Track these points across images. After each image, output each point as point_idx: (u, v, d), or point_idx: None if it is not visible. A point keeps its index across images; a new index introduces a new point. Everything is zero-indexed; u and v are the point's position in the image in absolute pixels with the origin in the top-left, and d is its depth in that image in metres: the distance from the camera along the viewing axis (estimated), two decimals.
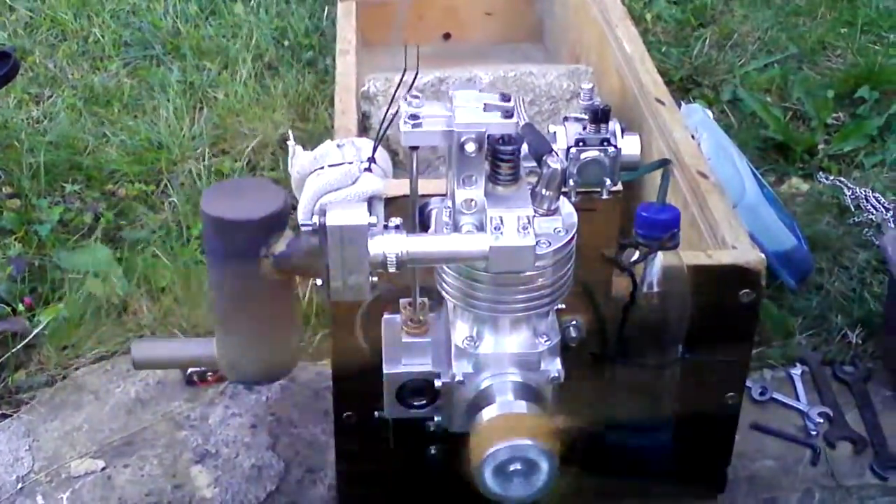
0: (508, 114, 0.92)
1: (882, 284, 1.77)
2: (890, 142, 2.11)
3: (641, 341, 1.18)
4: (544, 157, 0.94)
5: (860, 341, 1.67)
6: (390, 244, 0.91)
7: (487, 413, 0.97)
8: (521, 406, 0.97)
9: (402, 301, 1.03)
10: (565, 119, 1.03)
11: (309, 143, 2.11)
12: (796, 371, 1.60)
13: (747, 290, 1.24)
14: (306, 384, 1.60)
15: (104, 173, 2.03)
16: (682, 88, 2.26)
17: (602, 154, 1.00)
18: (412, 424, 1.22)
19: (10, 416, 1.55)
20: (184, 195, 1.96)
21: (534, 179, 0.97)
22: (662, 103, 1.56)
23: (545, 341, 0.99)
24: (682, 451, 1.32)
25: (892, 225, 1.93)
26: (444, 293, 0.99)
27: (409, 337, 1.00)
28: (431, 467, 1.28)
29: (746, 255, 1.25)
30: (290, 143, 1.37)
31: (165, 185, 2.01)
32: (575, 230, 0.97)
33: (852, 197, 1.99)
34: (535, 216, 0.93)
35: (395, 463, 1.30)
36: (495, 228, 0.91)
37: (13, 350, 1.60)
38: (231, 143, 2.14)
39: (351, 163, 1.27)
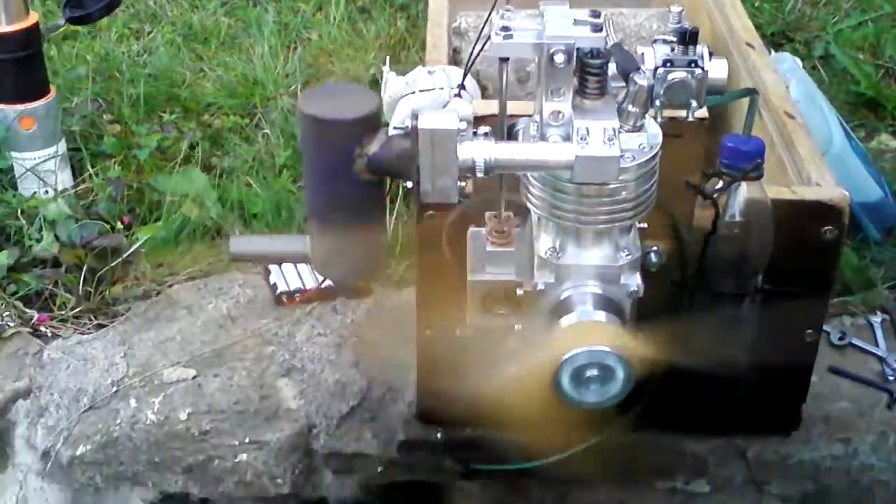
0: (597, 28, 0.94)
1: None
2: None
3: (722, 271, 1.20)
4: (631, 75, 0.97)
5: None
6: (478, 149, 0.95)
7: (566, 320, 1.00)
8: (601, 315, 1.00)
9: (487, 214, 1.06)
10: (654, 41, 1.05)
11: None
12: (876, 319, 1.60)
13: (830, 227, 1.25)
14: (392, 309, 1.64)
15: (201, 105, 2.10)
16: (774, 43, 2.25)
17: (689, 75, 1.02)
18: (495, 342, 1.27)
19: (107, 325, 1.62)
20: (276, 129, 2.01)
21: (621, 97, 0.99)
22: (752, 47, 1.57)
23: (626, 255, 1.02)
24: (759, 386, 1.34)
25: None
26: (528, 204, 1.02)
27: (493, 247, 1.04)
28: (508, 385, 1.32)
29: (831, 192, 1.26)
30: (385, 68, 1.42)
31: (259, 119, 2.07)
32: (659, 147, 0.99)
33: None
34: (620, 130, 0.95)
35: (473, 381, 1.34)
36: (581, 139, 0.94)
37: (112, 264, 1.67)
38: (323, 82, 2.18)
39: (441, 88, 1.31)
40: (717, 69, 1.04)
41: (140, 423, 1.45)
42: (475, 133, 0.96)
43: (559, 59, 0.94)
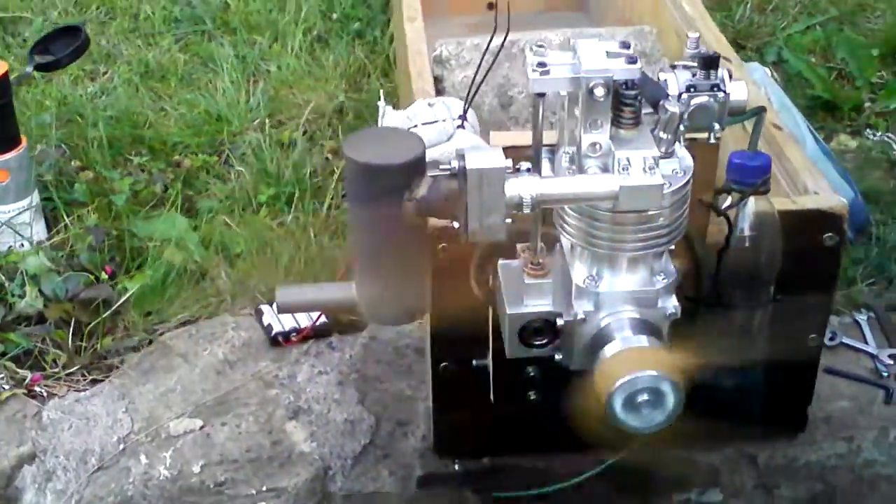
0: (632, 60, 0.96)
1: None
2: None
3: (735, 285, 1.23)
4: (662, 102, 0.99)
5: None
6: (525, 186, 0.96)
7: (611, 348, 1.01)
8: (643, 340, 1.02)
9: (519, 246, 1.07)
10: (673, 67, 1.07)
11: (364, 112, 2.17)
12: (862, 317, 1.65)
13: (830, 234, 1.29)
14: (387, 342, 1.64)
15: (167, 145, 2.08)
16: None
17: (712, 99, 1.05)
18: (512, 371, 1.28)
19: (102, 380, 1.60)
20: (247, 165, 2.00)
21: (651, 124, 1.01)
22: (729, 60, 1.60)
23: (662, 279, 1.04)
24: (766, 392, 1.37)
25: None
26: (563, 234, 1.04)
27: (531, 279, 1.05)
28: (531, 412, 1.34)
29: (829, 199, 1.30)
30: (381, 103, 1.42)
31: (227, 156, 2.05)
32: (692, 171, 1.01)
33: None
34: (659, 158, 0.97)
35: (490, 411, 1.35)
36: (623, 169, 0.96)
37: (103, 316, 1.65)
38: (287, 113, 2.18)
39: (444, 120, 1.32)
40: (737, 91, 1.07)
41: (153, 480, 1.43)
42: (518, 169, 0.97)
43: (599, 92, 0.96)
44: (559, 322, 1.05)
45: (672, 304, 1.05)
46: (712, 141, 1.09)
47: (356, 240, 1.03)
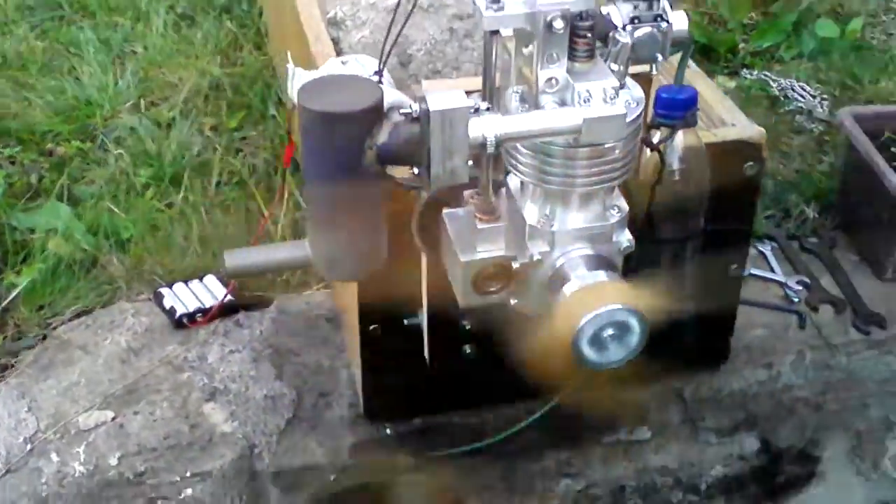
0: None
1: (822, 163, 1.87)
2: (804, 35, 2.20)
3: (668, 218, 1.22)
4: (611, 34, 0.96)
5: (816, 214, 1.75)
6: (489, 125, 0.92)
7: (569, 287, 0.99)
8: (602, 275, 0.99)
9: (466, 193, 1.03)
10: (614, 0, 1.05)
11: (242, 85, 2.10)
12: (766, 247, 1.67)
13: (751, 163, 1.30)
14: (297, 314, 1.59)
15: (36, 135, 1.97)
16: None
17: (656, 30, 1.03)
18: (446, 326, 1.25)
19: None
20: (125, 148, 1.91)
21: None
22: None
23: (616, 213, 1.02)
24: (691, 324, 1.37)
25: (822, 108, 2.02)
26: (515, 173, 1.00)
27: (483, 223, 1.01)
28: (466, 367, 1.31)
29: (748, 130, 1.31)
30: (289, 65, 1.37)
31: (102, 140, 1.96)
32: (644, 102, 0.99)
33: (779, 89, 2.08)
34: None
35: (423, 370, 1.32)
36: (584, 101, 0.93)
37: None
38: (161, 93, 2.09)
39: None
40: (679, 20, 1.05)
41: (68, 478, 1.35)
42: (477, 109, 0.93)
43: (558, 24, 0.92)
44: (514, 265, 1.01)
45: (626, 237, 1.03)
46: (654, 72, 1.07)
47: (312, 194, 0.97)
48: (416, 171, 0.94)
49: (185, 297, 1.60)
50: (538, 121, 0.94)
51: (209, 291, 1.61)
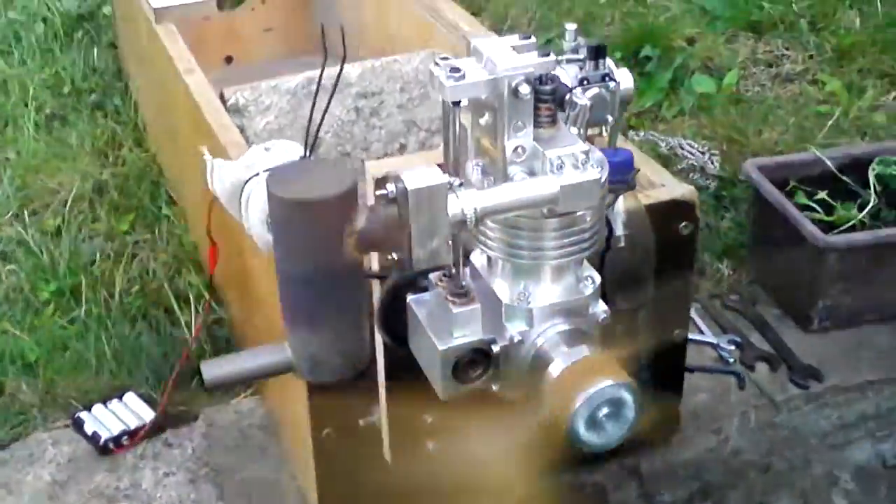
0: (546, 53, 0.91)
1: (724, 218, 1.91)
2: (682, 92, 2.26)
3: (621, 287, 1.20)
4: (568, 96, 0.94)
5: (731, 271, 1.78)
6: (467, 201, 0.88)
7: (555, 368, 0.95)
8: (584, 350, 0.96)
9: (433, 276, 0.98)
10: (558, 62, 1.02)
11: (130, 185, 2.01)
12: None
13: (686, 223, 1.30)
14: (229, 426, 1.52)
15: None
16: None
17: (604, 90, 1.01)
18: (407, 421, 1.20)
19: None
20: (17, 262, 1.80)
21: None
22: None
23: (590, 283, 0.99)
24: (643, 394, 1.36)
25: (713, 164, 2.07)
26: (484, 249, 0.96)
27: (458, 307, 0.95)
28: (427, 463, 1.26)
29: (679, 189, 1.31)
30: (207, 157, 1.31)
31: None
32: (607, 166, 0.97)
33: (668, 147, 2.12)
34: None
35: (380, 471, 1.26)
36: (558, 168, 0.90)
37: None
38: (42, 200, 1.99)
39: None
40: (625, 80, 1.04)
41: None
42: (450, 185, 0.89)
43: (524, 89, 0.89)
44: (494, 349, 0.97)
45: (602, 308, 1.00)
46: (603, 134, 1.05)
47: (287, 292, 0.91)
48: (393, 256, 0.89)
49: (106, 419, 1.50)
50: (516, 192, 0.90)
51: (131, 411, 1.52)
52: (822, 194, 1.62)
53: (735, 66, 2.30)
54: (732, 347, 1.60)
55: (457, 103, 0.92)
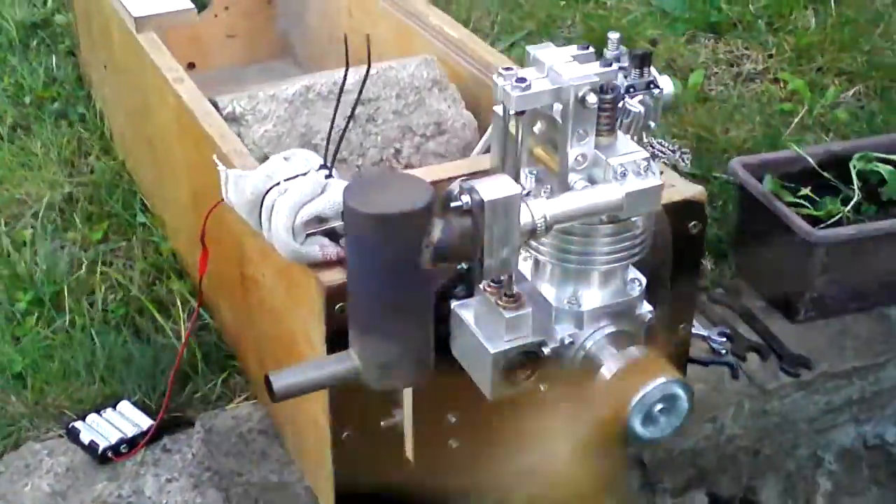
0: (608, 62, 0.93)
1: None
2: None
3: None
4: (621, 104, 0.96)
5: (713, 266, 1.81)
6: (537, 209, 0.90)
7: (608, 369, 0.97)
8: (634, 352, 0.98)
9: (482, 283, 1.00)
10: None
11: (100, 194, 1.98)
12: None
13: (695, 222, 1.32)
14: (226, 431, 1.50)
15: None
16: None
17: (649, 97, 1.03)
18: (431, 421, 1.21)
19: None
20: None
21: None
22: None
23: (637, 285, 1.01)
24: None
25: (685, 163, 2.10)
26: (535, 256, 0.98)
27: (510, 312, 0.97)
28: (448, 462, 1.26)
29: (690, 189, 1.33)
30: (221, 168, 1.29)
31: None
32: (661, 172, 0.99)
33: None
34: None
35: (398, 471, 1.26)
36: (621, 175, 0.92)
37: None
38: (10, 211, 1.95)
39: (306, 173, 1.22)
40: (667, 86, 1.06)
41: None
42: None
43: (591, 99, 0.91)
44: (545, 350, 0.99)
45: (647, 309, 1.03)
46: (646, 140, 1.07)
47: (360, 303, 0.91)
48: (463, 266, 0.90)
49: (102, 428, 1.48)
50: (583, 200, 0.93)
51: (126, 419, 1.50)
52: (806, 190, 1.66)
53: (698, 66, 2.34)
54: (723, 339, 1.63)
55: (521, 113, 0.93)
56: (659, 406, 0.96)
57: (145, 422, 1.49)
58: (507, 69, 0.95)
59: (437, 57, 1.74)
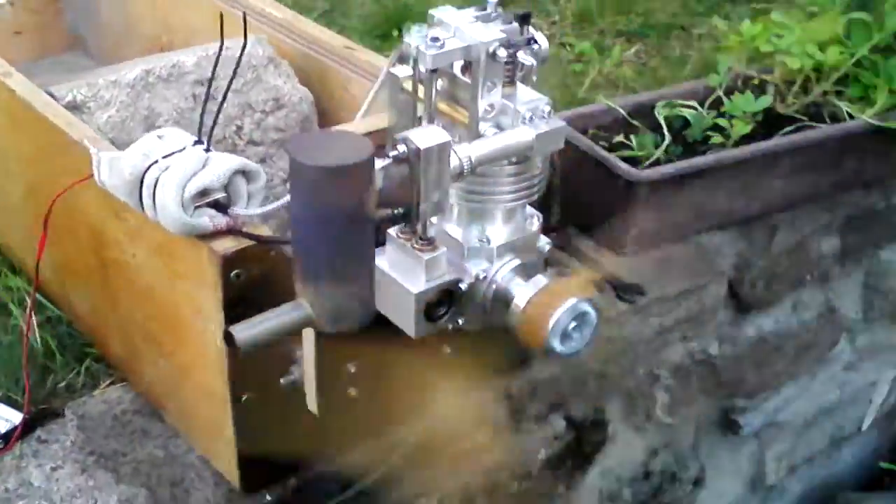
0: (508, 20, 1.02)
1: None
2: None
3: None
4: (518, 56, 1.05)
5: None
6: (462, 153, 0.97)
7: (521, 297, 1.06)
8: (542, 279, 1.08)
9: (394, 230, 1.06)
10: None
11: None
12: None
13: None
14: (101, 416, 1.50)
15: None
16: None
17: (530, 52, 1.13)
18: (332, 374, 1.27)
19: None
20: None
21: None
22: (353, 49, 1.68)
23: (536, 220, 1.11)
24: None
25: None
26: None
27: (427, 254, 1.05)
28: (347, 411, 1.33)
29: None
30: (93, 151, 1.30)
31: None
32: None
33: None
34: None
35: (297, 427, 1.32)
36: (529, 120, 1.02)
37: None
38: None
39: (184, 149, 1.25)
40: (543, 42, 1.15)
41: None
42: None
43: (502, 53, 1.00)
44: (462, 287, 1.07)
45: (545, 241, 1.12)
46: None
47: (310, 252, 0.95)
48: (398, 210, 0.97)
49: None
50: (501, 142, 1.02)
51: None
52: (619, 137, 1.81)
53: None
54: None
55: (434, 70, 1.01)
56: (573, 324, 1.06)
57: (15, 416, 1.47)
58: (418, 30, 1.02)
59: (278, 43, 1.78)
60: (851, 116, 1.88)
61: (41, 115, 1.47)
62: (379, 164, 0.94)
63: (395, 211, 0.99)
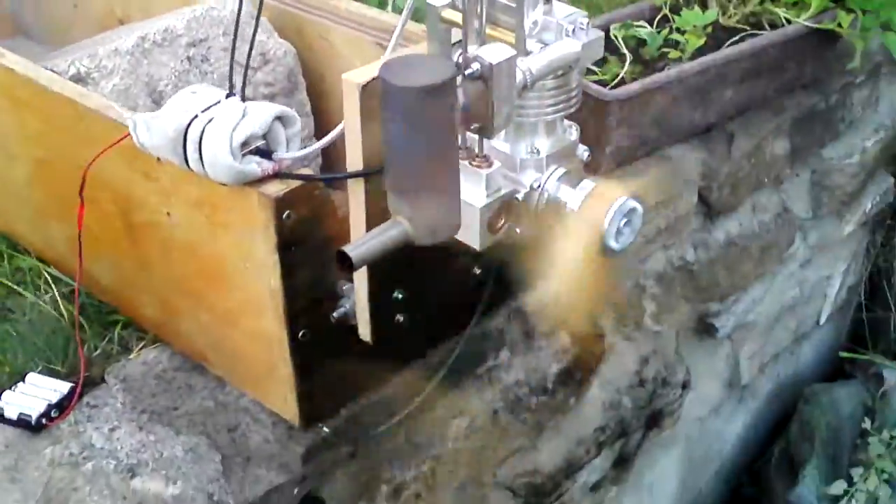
0: None
1: None
2: None
3: None
4: None
5: None
6: (526, 66, 1.06)
7: (574, 201, 1.16)
8: (589, 182, 1.18)
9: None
10: None
11: None
12: None
13: None
14: (143, 376, 1.56)
15: None
16: None
17: None
18: (379, 303, 1.35)
19: None
20: None
21: None
22: None
23: (574, 129, 1.21)
24: None
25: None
26: None
27: (485, 170, 1.14)
28: (399, 334, 1.41)
29: None
30: (128, 115, 1.35)
31: None
32: None
33: None
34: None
35: (349, 358, 1.40)
36: (573, 32, 1.11)
37: None
38: None
39: (219, 102, 1.31)
40: None
41: None
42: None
43: None
44: (518, 197, 1.16)
45: (583, 149, 1.22)
46: None
47: (411, 168, 1.02)
48: (475, 125, 1.06)
49: (23, 402, 1.49)
50: (553, 54, 1.11)
51: (43, 388, 1.52)
52: None
53: None
54: None
55: None
56: (624, 221, 1.17)
57: (63, 386, 1.52)
58: None
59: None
60: (789, 22, 2.03)
61: (48, 89, 1.51)
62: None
63: (473, 126, 1.07)
